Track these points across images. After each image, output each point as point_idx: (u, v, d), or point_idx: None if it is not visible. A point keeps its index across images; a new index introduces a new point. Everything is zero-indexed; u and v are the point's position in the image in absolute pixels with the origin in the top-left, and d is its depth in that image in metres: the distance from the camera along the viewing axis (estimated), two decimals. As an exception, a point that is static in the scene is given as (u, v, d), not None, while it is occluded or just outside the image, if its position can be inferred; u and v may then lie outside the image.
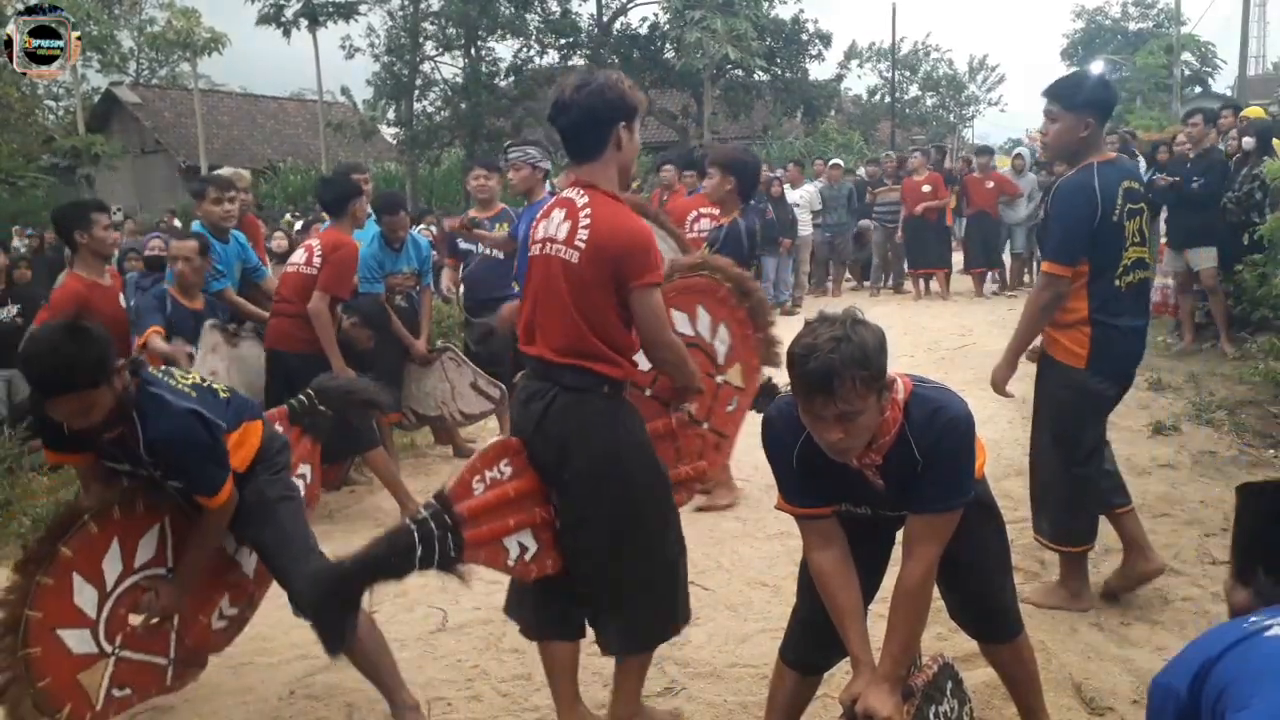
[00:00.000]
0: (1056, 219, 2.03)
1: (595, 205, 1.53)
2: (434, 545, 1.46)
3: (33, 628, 1.51)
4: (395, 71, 14.41)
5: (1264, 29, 21.63)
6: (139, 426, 1.54)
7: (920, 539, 1.34)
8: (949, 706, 1.40)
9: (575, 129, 1.55)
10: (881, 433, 1.30)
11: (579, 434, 1.52)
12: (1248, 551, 0.91)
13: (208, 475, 1.61)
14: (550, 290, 1.54)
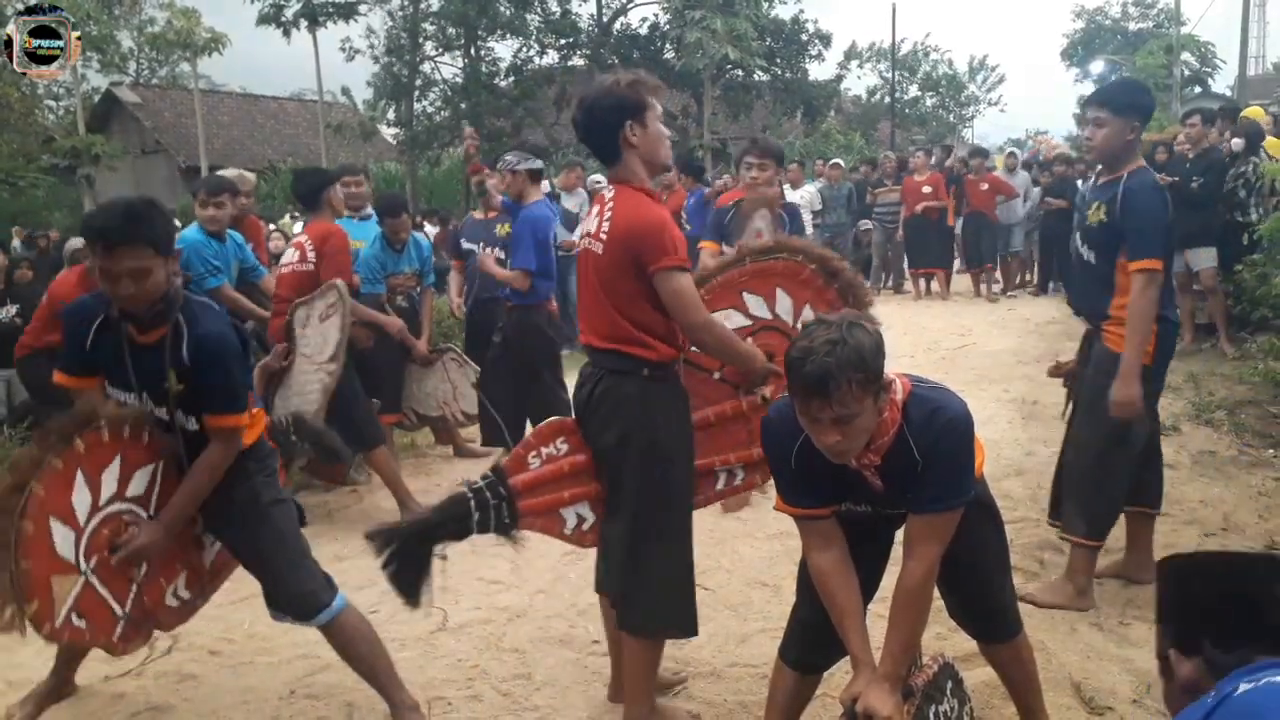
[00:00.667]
0: (1143, 217, 2.02)
1: (618, 199, 1.64)
2: (489, 512, 1.63)
3: (32, 503, 1.46)
4: (395, 72, 14.42)
5: (1264, 29, 21.64)
6: (185, 326, 1.58)
7: (920, 539, 1.34)
8: (949, 706, 1.40)
9: (590, 140, 1.67)
10: (880, 433, 1.30)
11: (616, 413, 1.63)
12: (1191, 625, 0.89)
13: (238, 390, 1.64)
14: (587, 282, 1.68)
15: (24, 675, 2.11)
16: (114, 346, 1.61)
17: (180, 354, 1.59)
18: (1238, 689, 0.76)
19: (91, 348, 1.61)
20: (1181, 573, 0.94)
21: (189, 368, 1.59)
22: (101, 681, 2.04)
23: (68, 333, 1.67)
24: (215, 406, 1.62)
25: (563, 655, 2.07)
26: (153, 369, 1.60)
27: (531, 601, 2.37)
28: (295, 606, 1.70)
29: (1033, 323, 6.27)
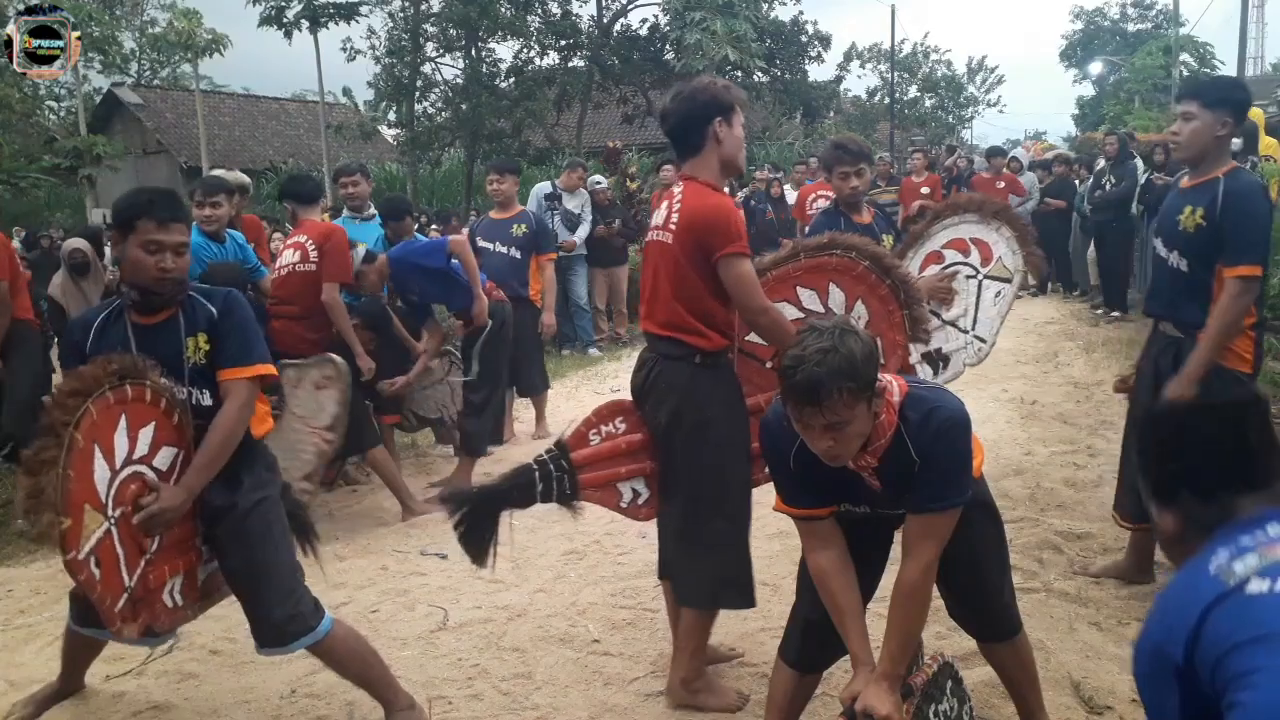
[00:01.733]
0: (1247, 220, 1.91)
1: (687, 192, 1.74)
2: (552, 483, 1.75)
3: (86, 419, 1.45)
4: (396, 73, 14.42)
5: (1262, 30, 21.68)
6: (202, 297, 1.65)
7: (919, 538, 1.35)
8: (949, 705, 1.40)
9: (677, 131, 1.76)
10: (877, 436, 1.31)
11: (668, 397, 1.72)
12: (1169, 474, 0.88)
13: (260, 340, 1.70)
14: (655, 271, 1.78)
15: (25, 675, 2.12)
16: (117, 339, 1.62)
17: (198, 321, 1.64)
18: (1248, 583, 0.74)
19: (96, 351, 1.61)
20: (1162, 421, 0.94)
21: (219, 321, 1.64)
22: (102, 681, 2.04)
23: (68, 345, 1.68)
24: (243, 355, 1.65)
25: (563, 654, 2.07)
26: (166, 346, 1.62)
27: (532, 601, 2.37)
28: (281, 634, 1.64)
29: (1031, 322, 6.27)
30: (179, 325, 1.63)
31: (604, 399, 5.08)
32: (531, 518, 2.89)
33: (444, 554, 2.72)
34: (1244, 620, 0.73)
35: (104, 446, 1.51)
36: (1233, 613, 0.74)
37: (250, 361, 1.67)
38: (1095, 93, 23.33)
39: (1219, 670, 0.73)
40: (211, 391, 1.66)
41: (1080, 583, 2.31)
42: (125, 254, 1.61)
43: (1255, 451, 0.85)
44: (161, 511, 1.58)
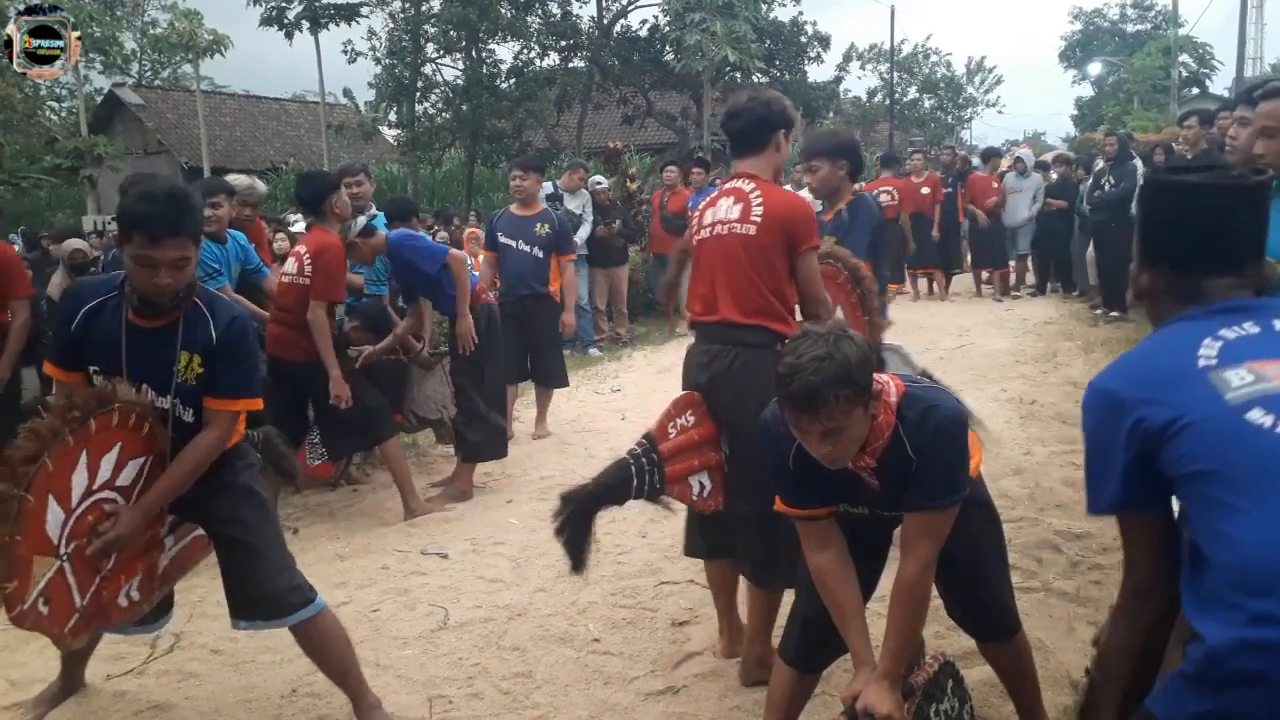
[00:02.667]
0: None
1: (763, 189, 1.88)
2: (645, 478, 1.77)
3: (40, 476, 1.42)
4: (396, 74, 14.43)
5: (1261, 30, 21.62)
6: (206, 309, 1.59)
7: (917, 537, 1.35)
8: (949, 705, 1.41)
9: (746, 129, 1.89)
10: (875, 437, 1.31)
11: (757, 386, 1.73)
12: (1158, 243, 0.98)
13: (256, 374, 1.67)
14: (732, 263, 1.85)
15: (25, 674, 2.12)
16: (108, 333, 1.56)
17: (196, 337, 1.57)
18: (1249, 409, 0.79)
19: (83, 334, 1.55)
20: (1156, 190, 1.02)
21: (216, 348, 1.57)
22: (103, 680, 2.04)
23: (61, 320, 1.61)
24: (232, 390, 1.61)
25: (563, 653, 2.07)
26: (158, 354, 1.56)
27: (532, 600, 2.37)
28: (278, 604, 1.64)
29: (1030, 323, 6.28)
30: (176, 336, 1.57)
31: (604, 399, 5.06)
32: (532, 517, 2.90)
33: (445, 553, 2.73)
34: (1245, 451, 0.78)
35: (59, 492, 1.48)
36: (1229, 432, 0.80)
37: (242, 396, 1.63)
38: (1094, 93, 23.36)
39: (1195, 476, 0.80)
40: (195, 410, 1.61)
41: (1080, 582, 2.31)
42: (126, 261, 1.55)
43: (1236, 236, 0.91)
44: (117, 539, 1.56)
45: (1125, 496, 0.88)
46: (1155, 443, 0.84)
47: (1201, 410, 0.82)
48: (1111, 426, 0.88)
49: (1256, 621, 0.73)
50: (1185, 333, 0.90)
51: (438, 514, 3.12)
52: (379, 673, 2.01)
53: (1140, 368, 0.91)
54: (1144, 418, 0.85)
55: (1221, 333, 0.88)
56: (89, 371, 1.60)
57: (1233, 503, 0.78)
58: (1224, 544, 0.78)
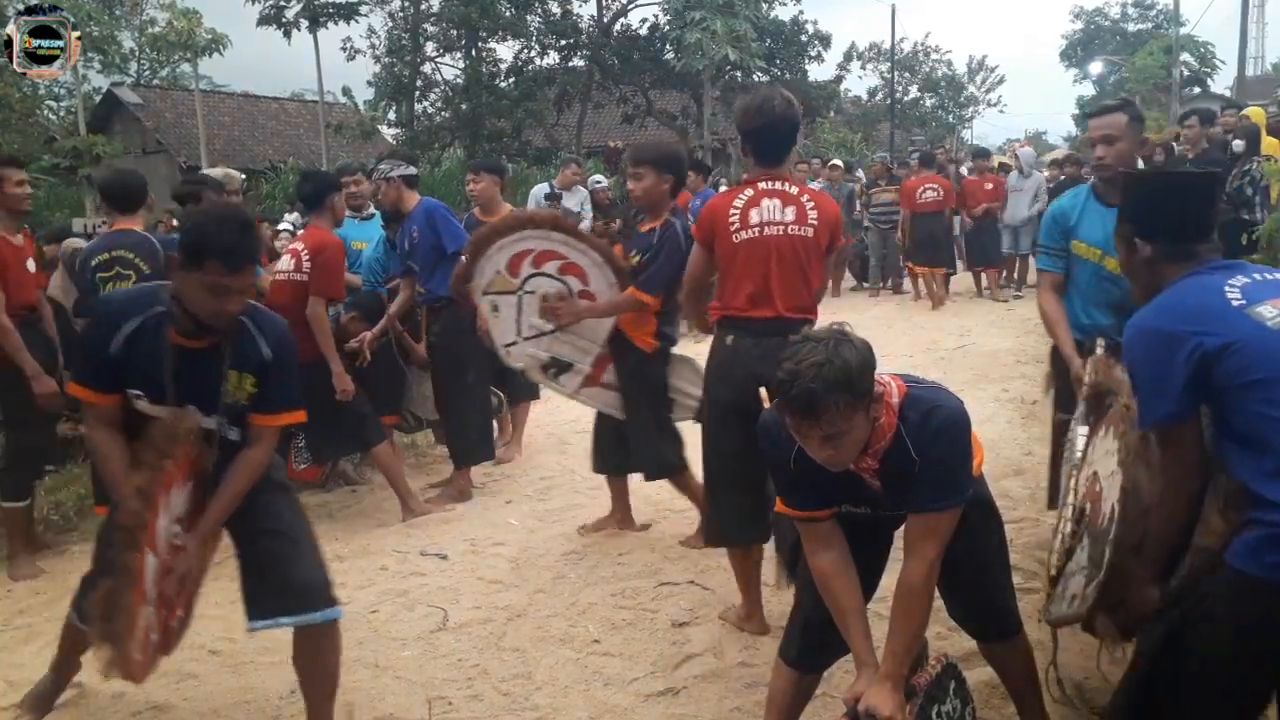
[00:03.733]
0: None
1: (810, 193, 2.06)
2: None
3: (144, 534, 1.39)
4: (396, 73, 14.43)
5: (1263, 29, 21.69)
6: (254, 328, 1.55)
7: (920, 538, 1.35)
8: (951, 706, 1.40)
9: (787, 136, 2.01)
10: (877, 438, 1.31)
11: None
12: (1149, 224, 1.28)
13: (296, 388, 1.63)
14: (788, 261, 1.98)
15: (24, 675, 2.11)
16: (152, 356, 1.49)
17: (247, 356, 1.53)
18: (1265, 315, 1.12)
19: (123, 357, 1.48)
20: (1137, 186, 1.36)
21: (271, 365, 1.55)
22: (102, 681, 2.03)
23: (94, 341, 1.53)
24: (282, 404, 1.59)
25: (563, 655, 2.07)
26: (205, 375, 1.52)
27: (532, 601, 2.37)
28: (311, 596, 1.58)
29: (1031, 322, 6.25)
30: (223, 355, 1.53)
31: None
32: (531, 518, 2.89)
33: (444, 554, 2.72)
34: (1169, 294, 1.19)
35: (151, 542, 1.44)
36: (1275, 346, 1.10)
37: (289, 410, 1.61)
38: (1096, 93, 23.32)
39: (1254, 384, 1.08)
40: (240, 429, 1.59)
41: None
42: (186, 285, 1.48)
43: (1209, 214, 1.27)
44: (189, 572, 1.56)
45: (1178, 410, 1.15)
46: (1212, 362, 1.11)
47: (1251, 335, 1.12)
48: (1166, 355, 1.14)
49: None
50: (1201, 284, 1.19)
51: (437, 515, 3.12)
52: (378, 674, 2.01)
53: (1180, 309, 1.18)
54: (1201, 344, 1.12)
55: (1230, 282, 1.18)
56: (127, 394, 1.53)
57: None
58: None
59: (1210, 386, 1.13)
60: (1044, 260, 2.13)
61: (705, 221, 2.07)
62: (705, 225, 2.07)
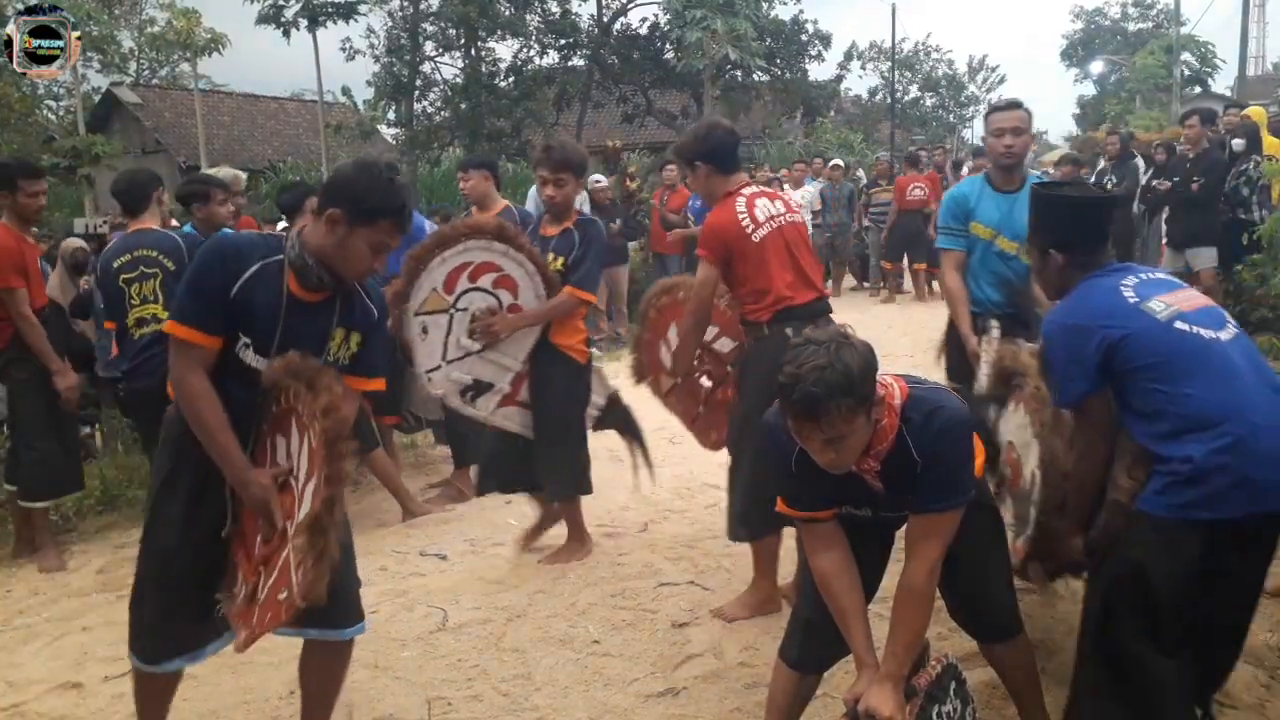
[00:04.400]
0: None
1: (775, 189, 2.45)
2: None
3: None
4: (395, 72, 14.41)
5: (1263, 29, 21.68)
6: (362, 287, 1.50)
7: (922, 538, 1.35)
8: (952, 706, 1.40)
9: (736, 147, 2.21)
10: (879, 440, 1.31)
11: None
12: (1062, 236, 1.53)
13: (386, 356, 1.62)
14: (802, 247, 2.14)
15: (23, 675, 2.12)
16: (269, 303, 1.40)
17: (355, 314, 1.49)
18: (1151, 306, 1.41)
19: (244, 299, 1.39)
20: (1047, 206, 1.58)
21: (377, 324, 1.52)
22: (102, 681, 2.04)
23: (213, 279, 1.39)
24: (376, 369, 1.54)
25: (562, 655, 2.07)
26: (313, 330, 1.44)
27: (531, 601, 2.36)
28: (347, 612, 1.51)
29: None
30: (334, 311, 1.46)
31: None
32: (531, 518, 2.89)
33: (443, 554, 2.72)
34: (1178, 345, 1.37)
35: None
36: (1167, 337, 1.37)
37: (379, 376, 1.56)
38: (1096, 92, 23.33)
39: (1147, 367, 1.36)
40: None
41: (1080, 582, 2.30)
42: (345, 240, 1.41)
43: (1106, 225, 1.56)
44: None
45: (1091, 388, 1.42)
46: (1115, 349, 1.38)
47: (1145, 327, 1.38)
48: (1080, 345, 1.41)
49: (1219, 438, 1.29)
50: (1102, 285, 1.46)
51: (436, 515, 3.11)
52: (377, 674, 2.01)
53: (1088, 307, 1.45)
54: (1107, 335, 1.38)
55: (1124, 282, 1.45)
56: (236, 338, 1.41)
57: (1180, 377, 1.34)
58: (1181, 401, 1.32)
59: (1114, 369, 1.39)
60: (946, 240, 2.37)
61: (717, 241, 2.07)
62: (718, 244, 2.07)
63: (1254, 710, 1.71)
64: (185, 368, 1.40)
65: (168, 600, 1.45)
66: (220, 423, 1.40)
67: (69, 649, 2.25)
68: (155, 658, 1.48)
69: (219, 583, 1.47)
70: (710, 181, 2.15)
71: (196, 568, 1.45)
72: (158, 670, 1.49)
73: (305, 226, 1.49)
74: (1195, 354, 1.35)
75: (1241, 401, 1.31)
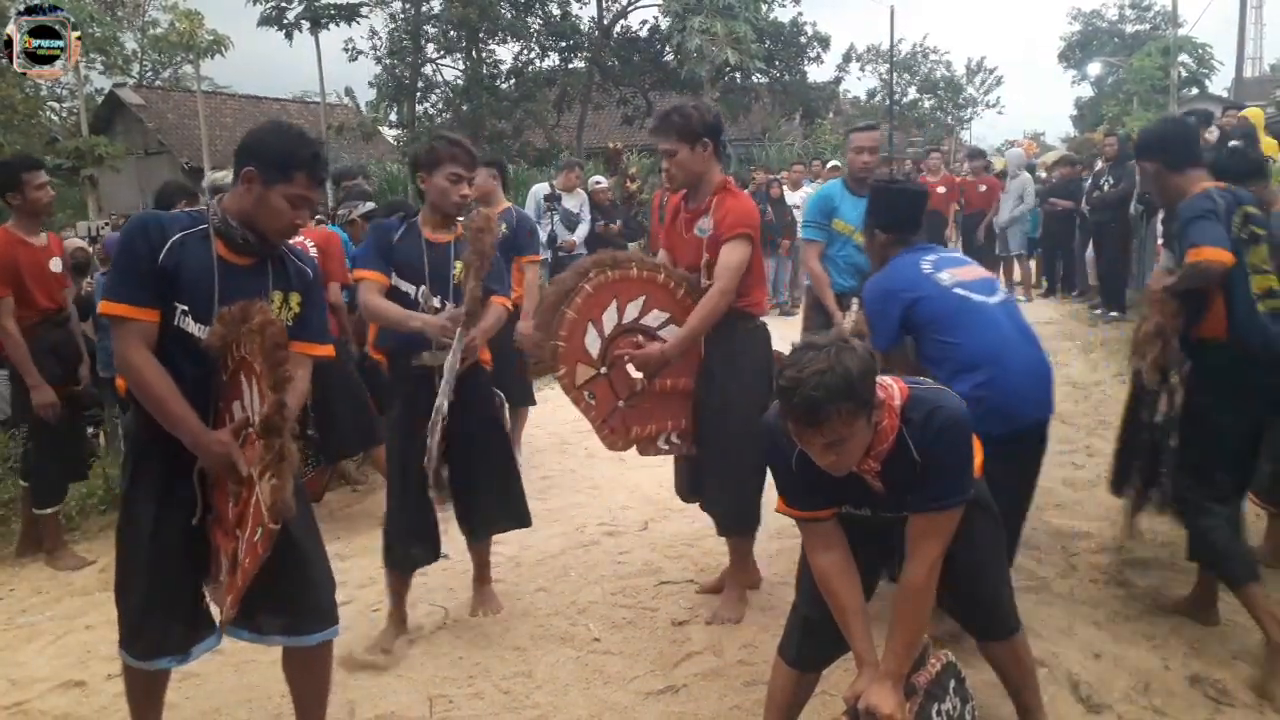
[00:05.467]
0: None
1: None
2: None
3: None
4: (397, 74, 14.45)
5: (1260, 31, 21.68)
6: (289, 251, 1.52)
7: (923, 537, 1.35)
8: (951, 705, 1.40)
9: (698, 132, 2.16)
10: (879, 441, 1.32)
11: None
12: (885, 219, 1.96)
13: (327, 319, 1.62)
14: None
15: (25, 674, 2.13)
16: (198, 269, 1.41)
17: (289, 276, 1.50)
18: (942, 279, 1.83)
19: (173, 266, 1.40)
20: (877, 196, 2.01)
21: (311, 284, 1.52)
22: (103, 680, 2.04)
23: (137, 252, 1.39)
24: (319, 331, 1.54)
25: (563, 653, 2.08)
26: (250, 294, 1.43)
27: (532, 600, 2.37)
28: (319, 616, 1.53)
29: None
30: (267, 274, 1.47)
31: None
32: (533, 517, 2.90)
33: (445, 554, 2.73)
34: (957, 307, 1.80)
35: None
36: (950, 299, 1.80)
37: (325, 340, 1.56)
38: (1094, 94, 23.34)
39: (932, 322, 1.80)
40: None
41: (1079, 582, 2.32)
42: (263, 198, 1.42)
43: (918, 212, 1.96)
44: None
45: (895, 339, 1.84)
46: (910, 310, 1.80)
47: (933, 292, 1.81)
48: (891, 305, 1.83)
49: (979, 377, 1.71)
50: (909, 260, 1.88)
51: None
52: (379, 672, 2.02)
53: (895, 276, 1.87)
54: (905, 299, 1.81)
55: (925, 259, 1.87)
56: (173, 309, 1.41)
57: (955, 330, 1.77)
58: (954, 349, 1.76)
59: (910, 324, 1.81)
60: (809, 231, 2.81)
61: (755, 223, 2.09)
62: (755, 227, 2.09)
63: (1252, 709, 1.72)
64: (125, 345, 1.39)
65: (147, 600, 1.46)
66: (168, 390, 1.39)
67: (72, 647, 2.26)
68: (141, 655, 1.48)
69: (204, 579, 1.48)
70: (709, 164, 2.08)
71: (171, 566, 1.45)
72: (146, 667, 1.49)
73: (226, 195, 1.49)
74: (968, 313, 1.77)
75: (999, 350, 1.74)
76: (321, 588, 1.55)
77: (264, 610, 1.48)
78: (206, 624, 1.51)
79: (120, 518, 1.51)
